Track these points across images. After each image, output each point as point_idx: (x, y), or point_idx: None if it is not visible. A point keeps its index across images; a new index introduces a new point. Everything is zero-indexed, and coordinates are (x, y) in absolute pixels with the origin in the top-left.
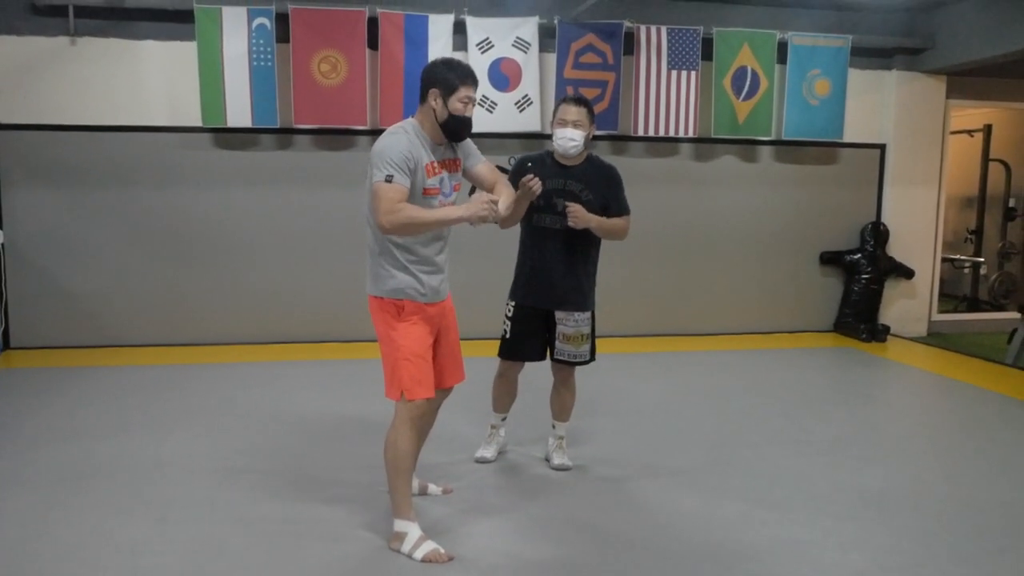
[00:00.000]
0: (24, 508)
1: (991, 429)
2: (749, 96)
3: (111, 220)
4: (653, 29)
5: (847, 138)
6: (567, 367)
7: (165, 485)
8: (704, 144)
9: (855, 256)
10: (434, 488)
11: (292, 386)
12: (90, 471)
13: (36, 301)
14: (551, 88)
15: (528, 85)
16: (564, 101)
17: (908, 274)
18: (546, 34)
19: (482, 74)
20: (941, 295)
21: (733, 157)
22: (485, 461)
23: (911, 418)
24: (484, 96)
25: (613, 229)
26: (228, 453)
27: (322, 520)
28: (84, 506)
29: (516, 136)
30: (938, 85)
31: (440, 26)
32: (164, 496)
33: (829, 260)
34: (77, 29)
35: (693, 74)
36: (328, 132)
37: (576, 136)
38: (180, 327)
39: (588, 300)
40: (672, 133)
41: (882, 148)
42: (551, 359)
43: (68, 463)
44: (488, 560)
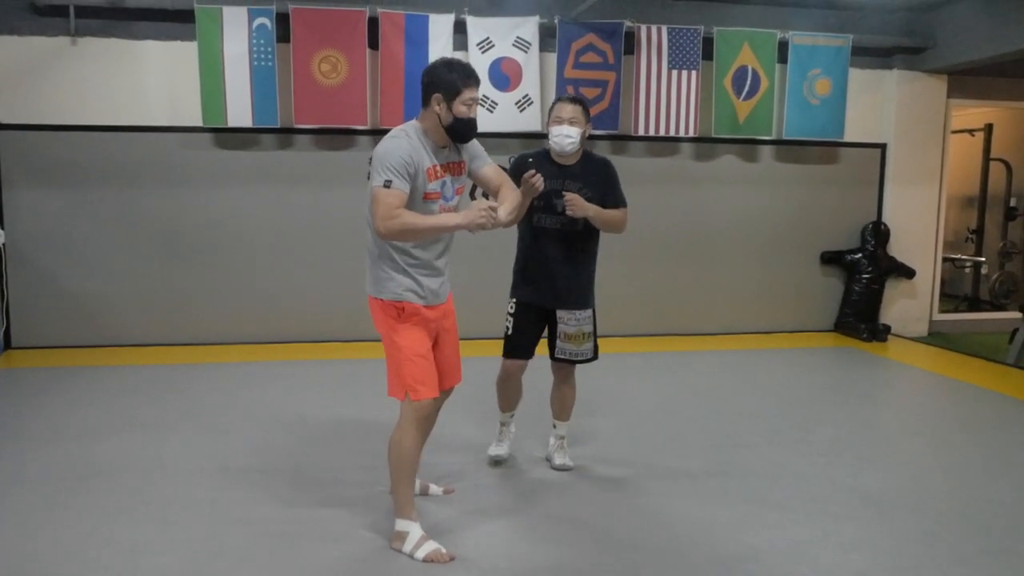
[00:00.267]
0: (25, 508)
1: (992, 429)
2: (750, 96)
3: (112, 220)
4: (653, 29)
5: (848, 138)
6: (568, 365)
7: (166, 485)
8: (704, 144)
9: (856, 256)
10: (435, 488)
11: (293, 386)
12: (91, 471)
13: (37, 301)
14: (552, 88)
15: (529, 85)
16: (559, 100)
17: (909, 274)
18: (546, 34)
19: (483, 74)
20: (942, 295)
21: (734, 157)
22: (500, 459)
23: (912, 418)
24: (484, 96)
25: (611, 220)
26: (229, 453)
27: (323, 520)
28: (85, 506)
29: (517, 136)
30: (939, 84)
31: (440, 26)
32: (165, 496)
33: (830, 260)
34: (78, 29)
35: (693, 74)
36: (328, 132)
37: (573, 133)
38: (181, 327)
39: (589, 298)
40: (672, 133)
41: (883, 147)
42: (551, 358)
43: (69, 463)
44: (489, 561)
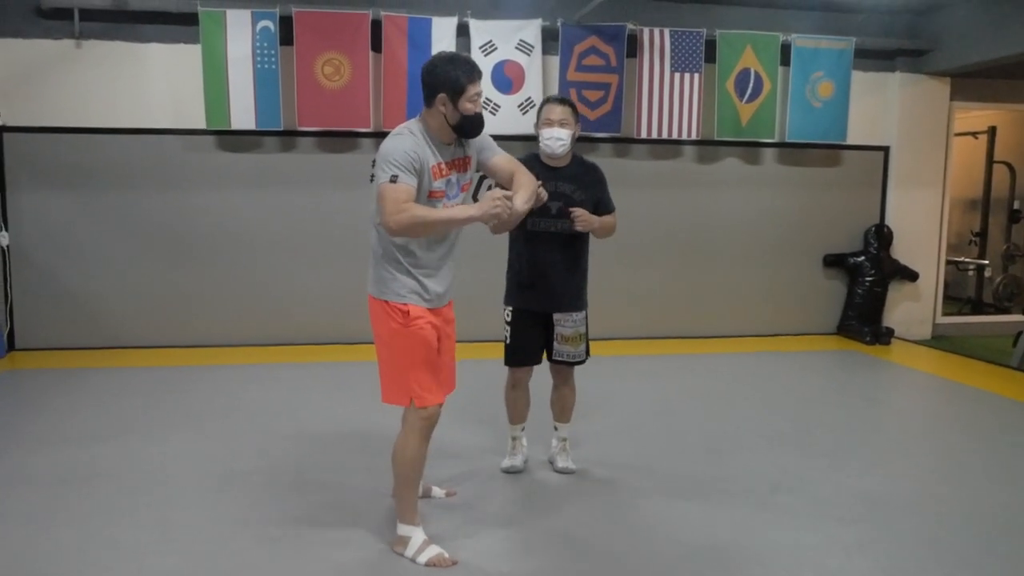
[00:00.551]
0: (28, 509)
1: (996, 432)
2: (752, 98)
3: (115, 222)
4: (656, 31)
5: (850, 140)
6: (566, 367)
7: (168, 487)
8: (707, 146)
9: (859, 258)
10: (438, 491)
11: (296, 388)
12: (94, 472)
13: (40, 303)
14: (554, 90)
15: (531, 87)
16: (547, 102)
17: (912, 276)
18: (549, 36)
19: (485, 76)
20: (945, 298)
21: (736, 159)
22: (515, 470)
23: (915, 422)
24: (487, 98)
25: (610, 227)
26: (231, 455)
27: (325, 523)
28: (88, 507)
29: (519, 138)
30: (942, 87)
31: (443, 29)
32: (167, 498)
33: (833, 262)
34: (82, 32)
35: (696, 76)
36: (331, 134)
37: (564, 135)
38: (184, 329)
39: (583, 299)
40: (675, 135)
41: (886, 150)
42: (549, 361)
43: (72, 464)
44: (491, 565)
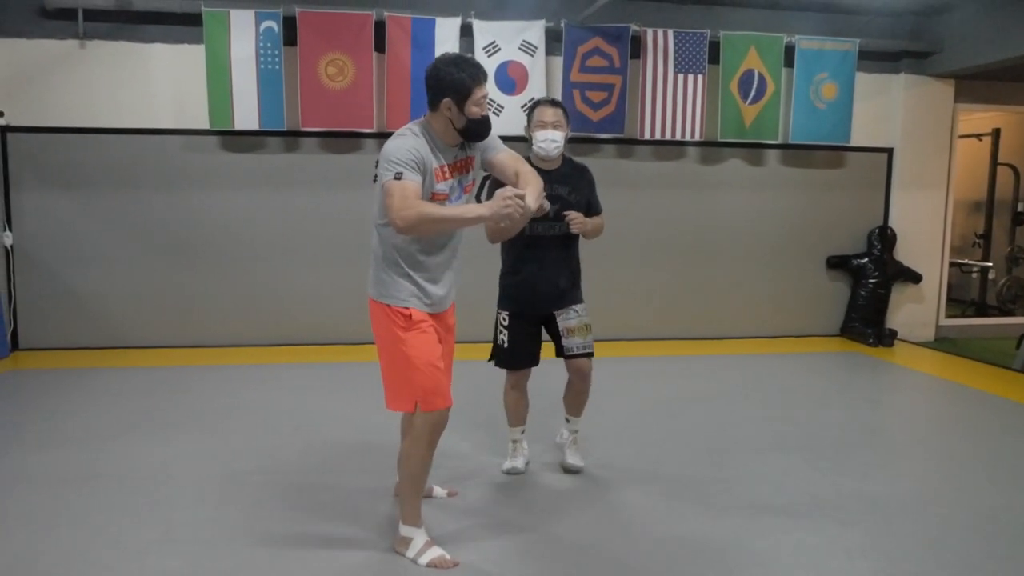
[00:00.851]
0: (31, 509)
1: (999, 435)
2: (756, 100)
3: (119, 222)
4: (660, 32)
5: (854, 142)
6: (585, 360)
7: (171, 487)
8: (711, 148)
9: (862, 260)
10: (439, 491)
11: (298, 388)
12: (96, 473)
13: (44, 303)
14: (558, 91)
15: (535, 88)
16: (539, 104)
17: (915, 278)
18: (553, 37)
19: (488, 77)
20: (949, 300)
21: (740, 161)
22: (516, 472)
23: (918, 423)
24: (491, 100)
25: (600, 229)
26: (234, 456)
27: (326, 523)
28: (90, 508)
29: (523, 139)
30: (946, 89)
31: (447, 29)
32: (169, 498)
33: (836, 264)
34: (86, 32)
35: (700, 77)
36: (335, 135)
37: (557, 137)
38: (187, 329)
39: (579, 293)
40: (679, 137)
41: (889, 152)
42: (564, 357)
43: (75, 464)
44: (492, 566)
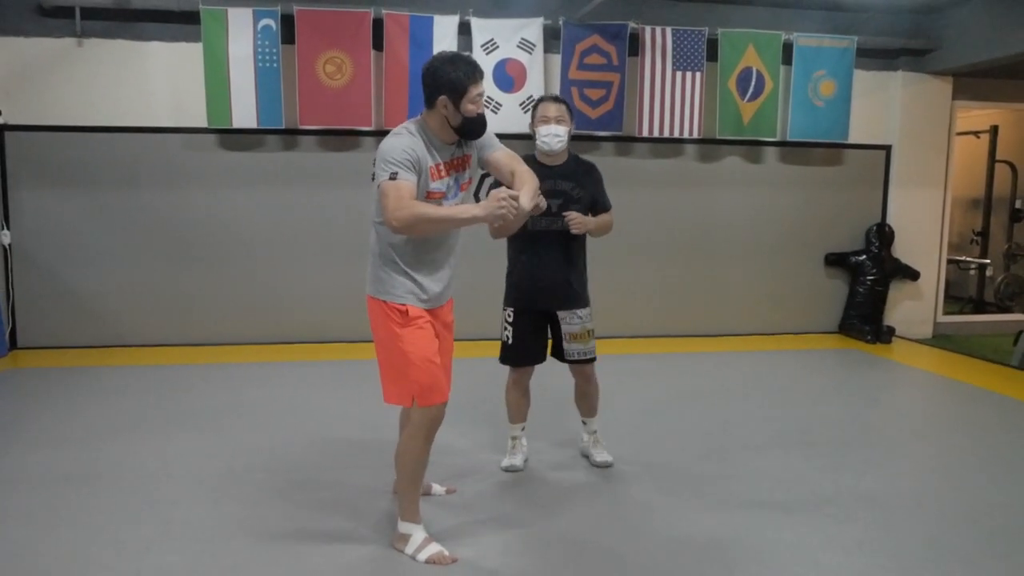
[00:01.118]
0: (30, 508)
1: (996, 431)
2: (754, 97)
3: (117, 221)
4: (658, 30)
5: (852, 139)
6: (586, 365)
7: (170, 485)
8: (709, 145)
9: (860, 257)
10: (438, 488)
11: (297, 386)
12: (96, 471)
13: (42, 301)
14: (556, 89)
15: (533, 86)
16: (542, 100)
17: (913, 276)
18: (551, 35)
19: (487, 75)
20: (947, 297)
21: (738, 158)
22: (515, 469)
23: (916, 420)
24: (489, 97)
25: (607, 227)
26: (234, 453)
27: (326, 520)
28: (89, 506)
29: (521, 137)
30: (944, 86)
31: (445, 27)
32: (169, 496)
33: (834, 261)
34: (84, 31)
35: (698, 75)
36: (333, 133)
37: (560, 132)
38: (185, 327)
39: (586, 296)
40: (677, 134)
41: (887, 149)
42: (567, 362)
43: (74, 463)
44: (491, 563)
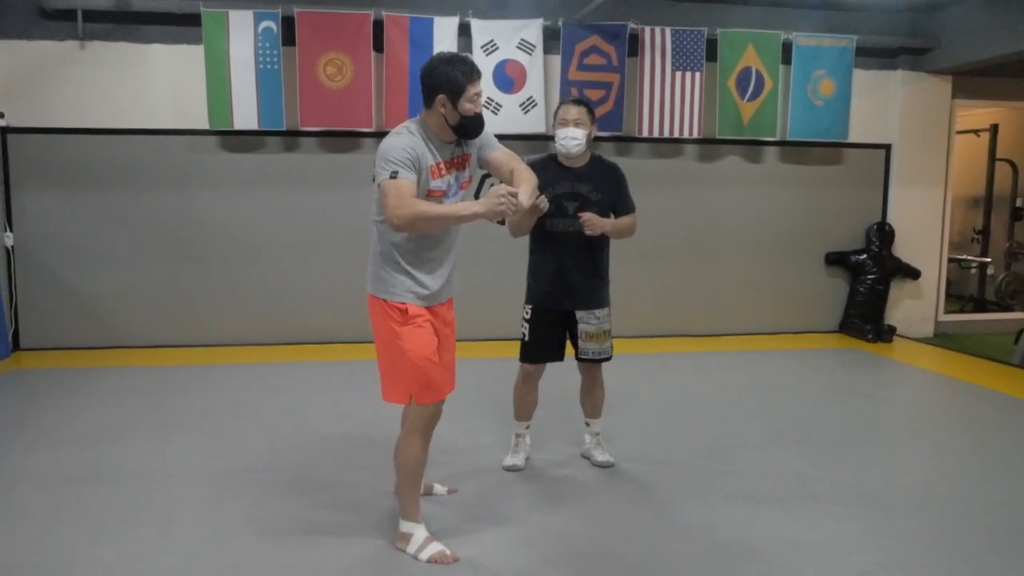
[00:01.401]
0: (31, 508)
1: (997, 430)
2: (753, 97)
3: (119, 222)
4: (657, 30)
5: (852, 138)
6: (595, 365)
7: (172, 486)
8: (708, 145)
9: (861, 256)
10: (439, 488)
11: (298, 387)
12: (97, 472)
13: (45, 303)
14: (556, 90)
15: (533, 87)
16: (564, 103)
17: (914, 274)
18: (550, 36)
19: (487, 76)
20: (947, 295)
21: (738, 158)
22: (516, 469)
23: (916, 419)
24: (489, 98)
25: (626, 229)
26: (234, 454)
27: (327, 520)
28: (91, 506)
29: (521, 138)
30: (943, 85)
31: (445, 28)
32: (170, 497)
33: (835, 261)
34: (86, 33)
35: (697, 75)
36: (334, 134)
37: (579, 135)
38: (187, 329)
39: (605, 296)
40: (676, 134)
41: (887, 148)
42: (577, 359)
43: (76, 464)
44: (492, 562)
